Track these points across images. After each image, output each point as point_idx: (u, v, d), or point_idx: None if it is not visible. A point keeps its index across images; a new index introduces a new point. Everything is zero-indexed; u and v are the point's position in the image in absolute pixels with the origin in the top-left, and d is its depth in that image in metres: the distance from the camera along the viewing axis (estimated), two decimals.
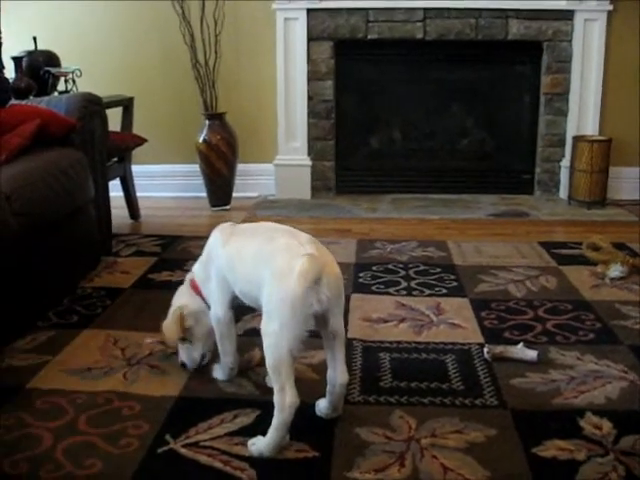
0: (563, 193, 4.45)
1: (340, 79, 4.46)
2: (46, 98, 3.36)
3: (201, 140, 4.23)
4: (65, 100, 3.19)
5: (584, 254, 3.17)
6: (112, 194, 3.43)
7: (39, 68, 3.87)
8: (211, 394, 2.00)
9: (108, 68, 4.46)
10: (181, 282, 2.24)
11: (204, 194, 4.39)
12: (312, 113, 4.45)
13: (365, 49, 4.46)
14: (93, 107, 3.17)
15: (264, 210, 4.23)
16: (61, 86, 4.03)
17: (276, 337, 1.66)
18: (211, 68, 4.22)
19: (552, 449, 1.72)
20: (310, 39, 4.34)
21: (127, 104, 4.07)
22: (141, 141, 3.93)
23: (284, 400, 1.66)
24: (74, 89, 3.99)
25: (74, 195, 2.79)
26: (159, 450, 1.73)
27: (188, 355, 2.11)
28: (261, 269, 1.76)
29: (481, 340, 2.33)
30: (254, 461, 1.68)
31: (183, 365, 2.13)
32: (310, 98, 4.42)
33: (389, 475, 1.63)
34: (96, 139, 3.14)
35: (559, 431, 1.78)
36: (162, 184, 4.64)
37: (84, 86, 3.87)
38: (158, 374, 2.12)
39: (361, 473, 1.63)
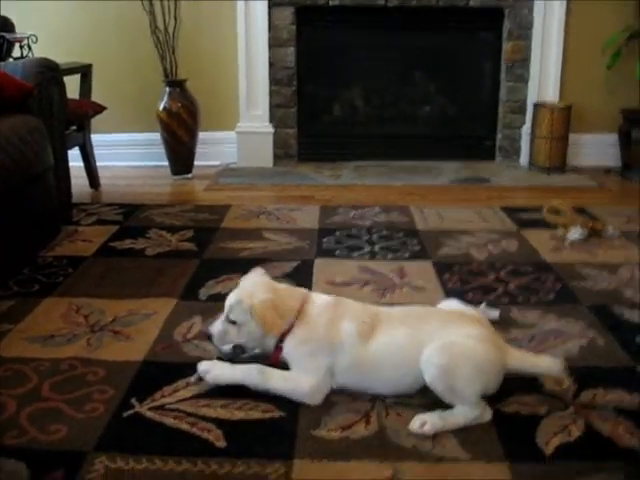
0: (524, 159, 4.50)
1: (302, 46, 4.43)
2: (1, 63, 3.28)
3: (162, 108, 4.17)
4: (21, 65, 3.11)
5: (544, 218, 3.21)
6: (71, 164, 3.38)
7: None
8: (176, 358, 2.00)
9: (65, 34, 4.35)
10: (142, 251, 2.16)
11: (165, 163, 4.33)
12: (274, 80, 4.41)
13: (327, 15, 4.42)
14: (50, 73, 3.10)
15: (226, 178, 4.20)
16: (16, 52, 3.92)
17: None
18: (171, 34, 4.14)
19: (514, 404, 1.76)
20: (271, 5, 4.28)
21: (85, 71, 3.99)
22: (100, 109, 3.87)
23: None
24: (30, 55, 3.90)
25: (32, 162, 2.74)
26: (125, 414, 1.73)
27: (224, 333, 1.88)
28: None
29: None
30: (220, 422, 1.69)
31: (206, 335, 1.94)
32: (272, 65, 4.38)
33: (356, 432, 1.65)
34: (54, 106, 3.08)
35: (521, 387, 1.81)
36: (122, 153, 4.58)
37: (40, 53, 3.77)
38: (122, 340, 2.11)
39: (328, 431, 1.65)
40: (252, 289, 1.87)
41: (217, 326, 1.88)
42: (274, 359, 1.85)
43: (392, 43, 4.58)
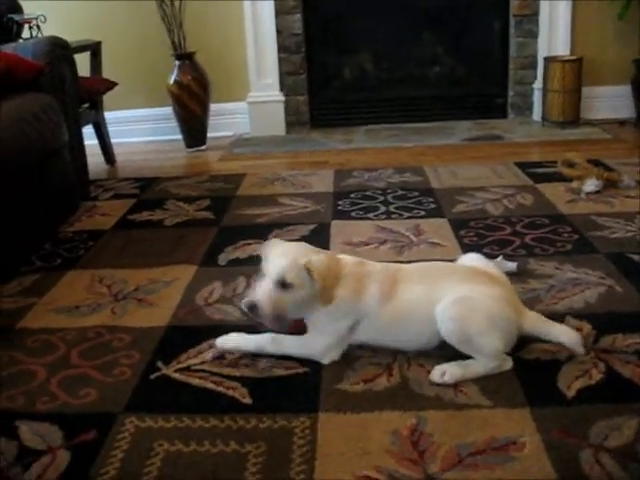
0: (537, 115, 4.47)
1: (308, 12, 4.41)
2: (12, 44, 3.30)
3: (172, 81, 4.19)
4: (31, 45, 3.13)
5: (559, 170, 3.21)
6: (87, 142, 3.42)
7: (2, 16, 3.77)
8: (199, 322, 2.03)
9: (73, 13, 4.37)
10: (160, 222, 2.16)
11: (179, 136, 4.36)
12: (282, 48, 4.41)
13: None
14: (60, 51, 3.12)
15: (240, 148, 4.22)
16: (26, 33, 3.94)
17: None
18: (177, 7, 4.13)
19: (535, 351, 1.78)
20: None
21: (95, 49, 4.00)
22: (112, 85, 3.89)
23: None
24: (39, 36, 3.91)
25: (48, 139, 2.76)
26: (152, 376, 1.77)
27: (274, 301, 1.71)
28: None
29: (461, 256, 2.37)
30: (245, 380, 1.72)
31: (250, 308, 1.73)
32: (279, 32, 4.37)
33: (378, 384, 1.68)
34: (66, 83, 3.11)
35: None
36: (136, 129, 4.61)
37: (49, 32, 3.76)
38: (146, 307, 2.15)
39: (351, 384, 1.68)
40: (297, 250, 1.77)
41: (263, 293, 1.71)
42: (297, 325, 1.82)
43: (399, 4, 4.56)
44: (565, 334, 1.75)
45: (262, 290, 1.72)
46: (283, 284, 1.71)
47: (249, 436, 1.51)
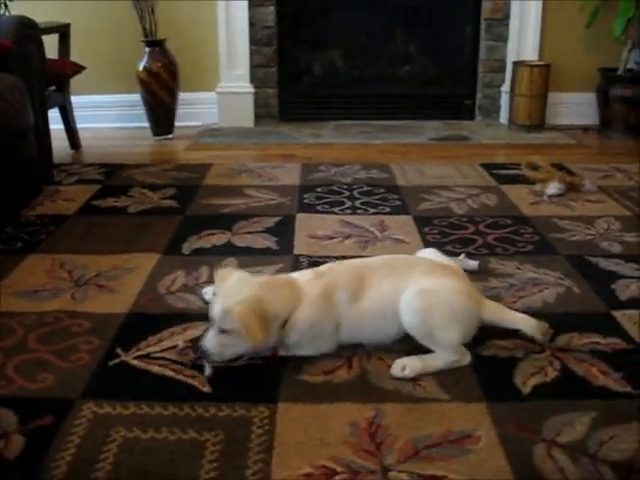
0: (504, 118, 4.52)
1: (282, 5, 4.40)
2: None
3: (141, 68, 4.14)
4: None
5: (523, 173, 3.25)
6: (52, 126, 3.37)
7: None
8: (160, 310, 2.02)
9: None
10: (125, 209, 2.13)
11: (146, 124, 4.31)
12: (254, 40, 4.39)
13: None
14: (28, 30, 3.08)
15: (207, 138, 4.20)
16: None
17: None
18: None
19: (492, 348, 1.80)
20: None
21: (63, 31, 3.94)
22: (80, 68, 3.85)
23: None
24: (6, 14, 3.85)
25: (13, 120, 2.72)
26: (111, 363, 1.75)
27: (221, 346, 1.68)
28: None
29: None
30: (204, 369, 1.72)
31: (203, 354, 1.70)
32: (252, 24, 4.35)
33: (338, 376, 1.69)
34: (33, 64, 3.06)
35: (498, 332, 1.85)
36: (103, 115, 4.56)
37: (17, 12, 3.73)
38: (107, 293, 2.13)
39: (311, 376, 1.69)
40: (234, 291, 1.71)
41: (211, 340, 1.68)
42: (274, 353, 1.77)
43: (372, 2, 4.57)
44: (524, 322, 1.80)
45: (208, 337, 1.69)
46: (223, 330, 1.67)
47: (207, 424, 1.51)
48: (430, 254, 2.03)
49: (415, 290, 1.74)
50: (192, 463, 1.40)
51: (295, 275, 1.88)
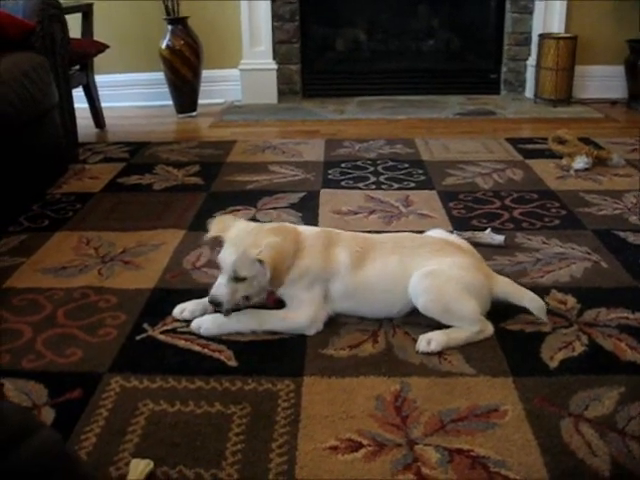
0: (529, 92, 4.46)
1: None
2: (2, 2, 3.25)
3: (164, 46, 4.14)
4: (22, 4, 3.08)
5: (550, 147, 3.21)
6: (76, 105, 3.38)
7: None
8: (186, 285, 2.04)
9: None
10: (149, 186, 2.15)
11: (170, 102, 4.32)
12: (276, 16, 4.36)
13: None
14: (51, 10, 3.08)
15: (231, 115, 4.20)
16: None
17: None
18: None
19: (519, 323, 1.79)
20: None
21: (86, 10, 3.95)
22: (103, 47, 3.85)
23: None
24: None
25: (38, 99, 2.74)
26: (137, 337, 1.77)
27: (232, 293, 1.74)
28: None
29: (450, 228, 2.38)
30: (231, 343, 1.73)
31: (213, 303, 1.76)
32: (274, 0, 4.32)
33: (364, 350, 1.69)
34: (57, 43, 3.07)
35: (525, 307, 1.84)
36: (126, 94, 4.57)
37: None
38: (132, 269, 2.15)
39: (336, 350, 1.70)
40: (248, 238, 1.74)
41: (222, 289, 1.74)
42: (270, 301, 1.83)
43: None
44: (532, 301, 1.78)
45: (220, 285, 1.74)
46: (237, 278, 1.72)
47: (234, 398, 1.52)
48: (438, 234, 2.02)
49: (423, 272, 1.74)
50: (219, 436, 1.41)
51: (301, 228, 1.91)
